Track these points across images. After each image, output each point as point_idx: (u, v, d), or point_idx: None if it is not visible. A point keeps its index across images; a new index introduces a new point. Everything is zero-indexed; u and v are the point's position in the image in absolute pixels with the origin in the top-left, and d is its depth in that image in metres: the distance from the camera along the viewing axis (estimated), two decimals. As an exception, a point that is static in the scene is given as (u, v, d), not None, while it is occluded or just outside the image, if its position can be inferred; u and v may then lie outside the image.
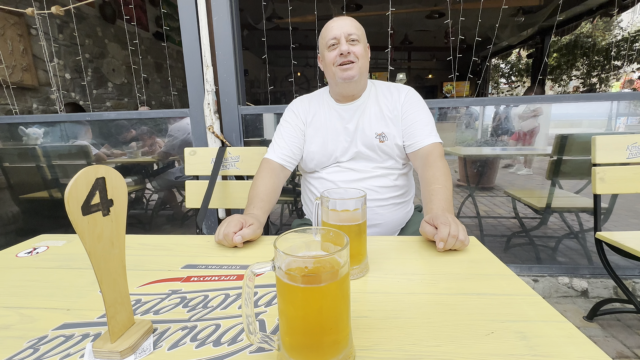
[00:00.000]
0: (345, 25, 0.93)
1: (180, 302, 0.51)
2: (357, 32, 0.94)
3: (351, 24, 0.94)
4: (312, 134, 1.04)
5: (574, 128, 2.02)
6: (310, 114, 1.06)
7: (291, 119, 1.06)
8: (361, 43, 0.95)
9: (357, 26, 0.95)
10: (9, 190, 2.26)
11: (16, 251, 0.74)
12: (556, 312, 0.45)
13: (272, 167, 1.00)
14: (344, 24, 0.94)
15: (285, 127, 1.05)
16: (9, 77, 2.42)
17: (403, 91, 1.03)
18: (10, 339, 0.43)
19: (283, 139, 1.03)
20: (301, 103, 1.09)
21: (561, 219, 2.11)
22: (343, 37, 0.93)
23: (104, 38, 3.61)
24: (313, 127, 1.04)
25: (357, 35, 0.93)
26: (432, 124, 1.00)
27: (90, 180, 0.35)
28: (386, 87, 1.05)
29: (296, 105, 1.09)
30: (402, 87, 1.04)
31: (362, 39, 0.95)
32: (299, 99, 1.11)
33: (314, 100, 1.08)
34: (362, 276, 0.58)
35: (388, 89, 1.04)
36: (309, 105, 1.07)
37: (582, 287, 1.64)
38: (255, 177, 0.98)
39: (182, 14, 1.46)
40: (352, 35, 0.93)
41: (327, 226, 0.56)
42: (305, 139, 1.05)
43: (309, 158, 1.03)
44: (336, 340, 0.36)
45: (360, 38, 0.94)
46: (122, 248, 0.40)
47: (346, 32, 0.93)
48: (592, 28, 8.76)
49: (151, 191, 2.68)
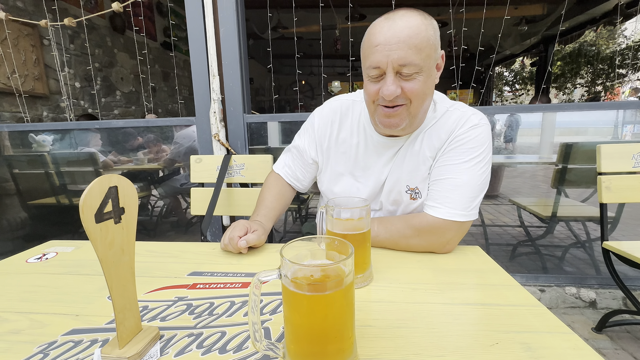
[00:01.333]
0: (396, 49, 0.60)
1: (186, 309, 0.52)
2: (416, 57, 0.60)
3: (408, 45, 0.60)
4: (334, 167, 0.83)
5: (580, 136, 2.01)
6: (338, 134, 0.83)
7: (307, 142, 0.87)
8: (422, 73, 0.62)
9: (418, 45, 0.60)
10: (17, 196, 2.30)
11: (26, 257, 0.75)
12: (561, 324, 0.45)
13: (280, 179, 0.93)
14: (397, 45, 0.60)
15: (294, 152, 0.90)
16: (21, 86, 2.48)
17: (462, 127, 0.71)
18: (21, 343, 0.44)
19: (293, 162, 0.90)
20: (329, 116, 0.83)
21: (567, 227, 2.08)
22: (390, 69, 0.62)
23: (114, 48, 3.71)
24: (337, 161, 0.83)
25: (416, 63, 0.61)
26: (466, 189, 0.69)
27: (103, 189, 0.36)
28: (447, 119, 0.73)
29: (321, 122, 0.84)
30: (468, 121, 0.71)
31: (426, 63, 0.62)
32: (329, 110, 0.84)
33: (347, 116, 0.82)
34: (366, 285, 0.58)
35: (447, 122, 0.73)
36: (339, 123, 0.83)
37: (590, 297, 1.62)
38: (264, 185, 0.93)
39: (190, 25, 1.50)
40: (407, 66, 0.61)
41: (332, 235, 0.56)
42: (325, 168, 0.86)
43: (327, 193, 0.88)
44: (341, 348, 0.36)
45: (423, 63, 0.61)
46: (132, 255, 0.41)
47: (396, 60, 0.60)
48: (596, 36, 8.78)
49: (156, 198, 2.70)
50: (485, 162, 0.71)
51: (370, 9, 4.08)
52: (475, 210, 0.71)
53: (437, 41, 0.64)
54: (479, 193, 0.71)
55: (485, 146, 0.71)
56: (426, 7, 4.21)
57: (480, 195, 0.71)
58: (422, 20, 0.62)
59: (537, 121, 2.07)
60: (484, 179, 0.71)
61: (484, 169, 0.71)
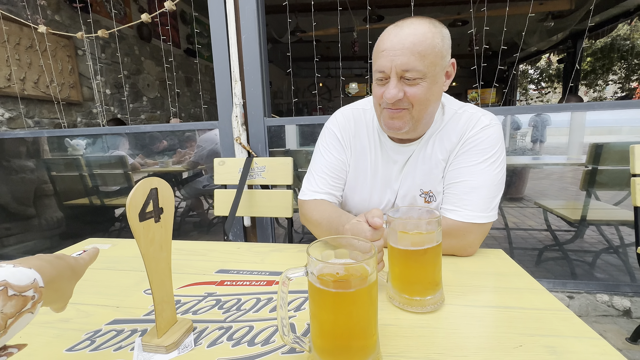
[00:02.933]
0: (400, 55, 0.62)
1: (215, 304, 0.55)
2: (419, 63, 0.62)
3: (411, 52, 0.62)
4: (355, 177, 0.83)
5: (613, 135, 1.92)
6: (356, 142, 0.82)
7: (336, 149, 0.83)
8: (426, 79, 0.64)
9: (422, 52, 0.62)
10: (55, 197, 2.46)
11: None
12: (589, 329, 0.44)
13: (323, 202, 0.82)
14: (401, 52, 0.62)
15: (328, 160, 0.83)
16: (59, 94, 2.67)
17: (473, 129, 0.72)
18: (71, 330, 0.49)
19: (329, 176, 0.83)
20: (346, 124, 0.83)
21: (599, 232, 1.98)
22: (394, 73, 0.64)
23: (141, 56, 3.90)
24: (357, 166, 0.83)
25: (419, 69, 0.63)
26: (483, 190, 0.69)
27: (146, 190, 0.40)
28: (456, 122, 0.74)
29: (340, 128, 0.83)
30: (479, 122, 0.72)
31: (430, 70, 0.64)
32: (342, 118, 0.84)
33: (361, 124, 0.82)
34: (438, 309, 0.51)
35: (457, 124, 0.73)
36: (354, 130, 0.83)
37: (624, 306, 1.53)
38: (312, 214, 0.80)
39: (214, 33, 1.57)
40: (410, 71, 0.63)
41: (392, 250, 0.51)
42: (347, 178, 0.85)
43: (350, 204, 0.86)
44: (365, 345, 0.38)
45: (426, 70, 0.63)
46: (169, 252, 0.45)
47: (399, 65, 0.63)
48: (631, 30, 8.28)
49: (179, 199, 2.81)
50: (500, 162, 0.71)
51: (388, 9, 4.06)
52: (495, 211, 0.70)
53: (445, 49, 0.66)
54: (497, 193, 0.71)
55: (499, 146, 0.72)
56: (446, 5, 4.14)
57: (498, 195, 0.71)
58: (430, 28, 0.64)
59: (565, 120, 1.99)
60: (500, 179, 0.71)
61: (499, 168, 0.71)
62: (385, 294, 0.55)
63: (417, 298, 0.50)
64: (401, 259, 0.51)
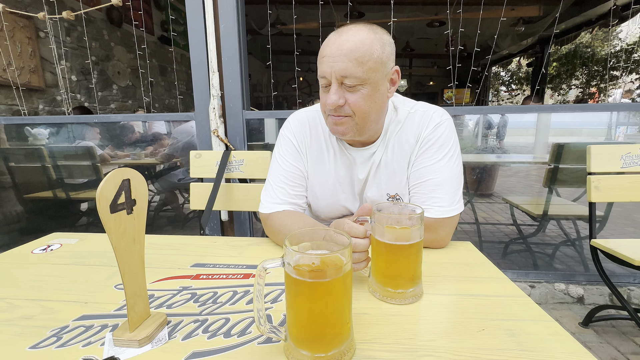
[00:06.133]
0: (339, 61, 0.62)
1: (191, 298, 0.54)
2: (358, 69, 0.62)
3: (349, 58, 0.62)
4: (315, 182, 0.82)
5: (574, 137, 2.06)
6: (312, 147, 0.81)
7: (293, 157, 0.82)
8: (367, 86, 0.64)
9: (360, 59, 0.62)
10: (14, 189, 2.29)
11: (31, 248, 0.77)
12: (544, 313, 0.49)
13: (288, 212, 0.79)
14: (339, 58, 0.62)
15: (285, 168, 0.81)
16: (17, 79, 2.47)
17: (427, 127, 0.75)
18: (34, 327, 0.46)
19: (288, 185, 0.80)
20: (301, 129, 0.82)
21: (558, 226, 2.14)
22: (334, 79, 0.64)
23: (110, 41, 3.68)
24: (317, 171, 0.82)
25: (357, 75, 0.62)
26: (447, 185, 0.72)
27: (117, 181, 0.38)
28: (412, 122, 0.76)
29: (295, 134, 0.82)
30: (431, 121, 0.75)
31: (370, 76, 0.64)
32: (297, 123, 0.83)
33: (317, 128, 0.82)
34: (416, 301, 0.53)
35: (412, 125, 0.76)
36: (310, 135, 0.82)
37: (578, 293, 1.67)
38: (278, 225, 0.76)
39: (190, 21, 1.51)
40: (349, 78, 0.63)
41: (379, 244, 0.53)
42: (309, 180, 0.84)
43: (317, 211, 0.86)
44: (339, 332, 0.39)
45: (366, 76, 0.63)
46: (142, 245, 0.44)
47: (338, 71, 0.63)
48: (592, 38, 8.87)
49: (153, 192, 2.71)
50: (457, 156, 0.76)
51: (369, 6, 4.08)
52: (461, 202, 0.74)
53: (386, 56, 0.65)
54: (459, 185, 0.75)
55: (453, 140, 0.75)
56: (425, 5, 4.23)
57: (461, 187, 0.75)
58: (368, 35, 0.63)
59: (532, 121, 2.11)
60: (459, 171, 0.75)
61: (457, 161, 0.75)
62: (367, 287, 0.57)
63: (399, 291, 0.52)
64: (386, 253, 0.53)
